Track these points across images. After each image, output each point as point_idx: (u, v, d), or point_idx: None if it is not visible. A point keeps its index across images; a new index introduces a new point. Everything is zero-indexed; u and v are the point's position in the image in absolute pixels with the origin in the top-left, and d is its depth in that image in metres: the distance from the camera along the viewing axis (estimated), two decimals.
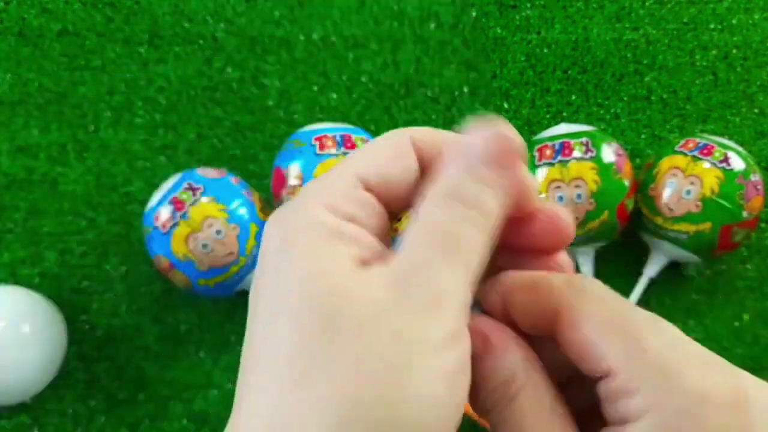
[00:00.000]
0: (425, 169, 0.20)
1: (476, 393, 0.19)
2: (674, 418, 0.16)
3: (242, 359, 0.17)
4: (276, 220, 0.18)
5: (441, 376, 0.16)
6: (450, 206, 0.18)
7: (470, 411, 0.22)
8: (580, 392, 0.19)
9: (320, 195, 0.18)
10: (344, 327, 0.16)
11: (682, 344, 0.17)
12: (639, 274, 0.51)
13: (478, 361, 0.19)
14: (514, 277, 0.20)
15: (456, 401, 0.16)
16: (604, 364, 0.17)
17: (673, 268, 0.51)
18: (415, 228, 0.18)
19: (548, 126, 0.56)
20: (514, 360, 0.19)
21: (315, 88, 0.58)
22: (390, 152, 0.20)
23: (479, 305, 0.20)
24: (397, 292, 0.16)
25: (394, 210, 0.20)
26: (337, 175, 0.19)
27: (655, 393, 0.16)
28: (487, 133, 0.18)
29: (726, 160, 0.46)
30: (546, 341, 0.19)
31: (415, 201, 0.19)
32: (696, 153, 0.47)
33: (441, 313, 0.16)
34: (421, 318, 0.16)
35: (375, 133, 0.56)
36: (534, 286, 0.19)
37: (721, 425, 0.16)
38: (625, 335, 0.17)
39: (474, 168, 0.18)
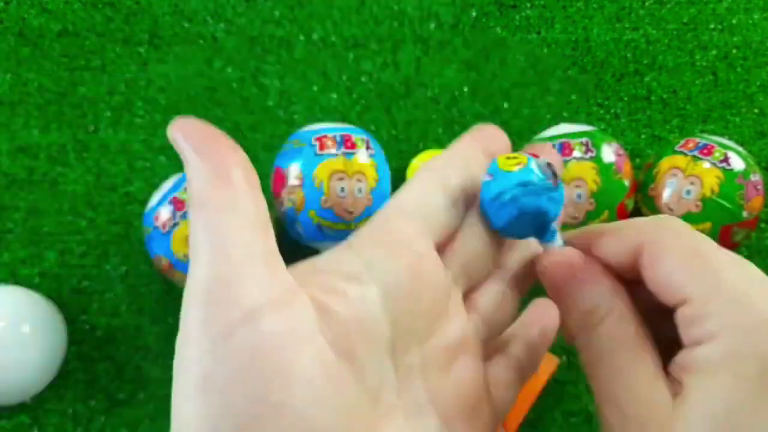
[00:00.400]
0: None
1: (565, 318, 0.21)
2: (743, 338, 0.17)
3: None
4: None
5: None
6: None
7: None
8: (661, 325, 0.20)
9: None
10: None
11: (758, 278, 0.18)
12: None
13: (567, 286, 0.21)
14: (600, 225, 0.22)
15: None
16: (682, 293, 0.18)
17: None
18: None
19: (548, 126, 0.56)
20: (600, 289, 0.20)
21: (315, 88, 0.58)
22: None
23: (563, 240, 0.22)
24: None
25: None
26: None
27: (726, 317, 0.17)
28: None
29: (726, 160, 0.46)
30: (628, 280, 0.21)
31: None
32: (696, 153, 0.47)
33: None
34: None
35: (375, 133, 0.56)
36: (621, 229, 0.21)
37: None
38: (702, 267, 0.18)
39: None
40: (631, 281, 0.21)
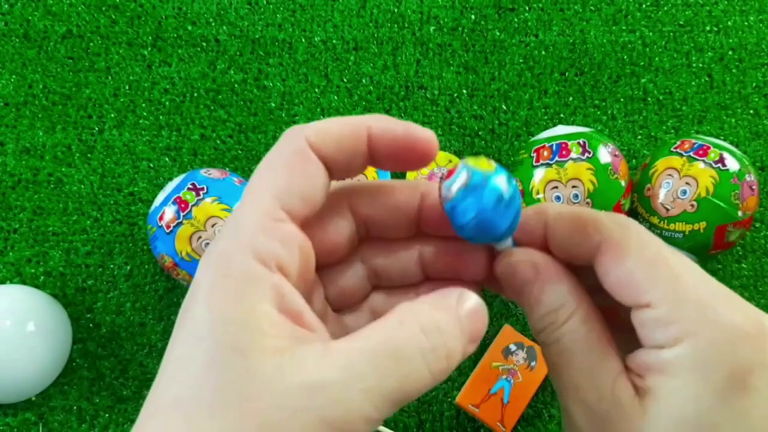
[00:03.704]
0: (331, 168, 0.20)
1: (530, 316, 0.21)
2: (708, 346, 0.18)
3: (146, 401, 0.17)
4: (206, 262, 0.18)
5: None
6: (418, 339, 0.17)
7: (466, 406, 0.23)
8: (609, 316, 0.21)
9: (243, 235, 0.18)
10: (239, 404, 0.16)
11: (711, 281, 0.19)
12: None
13: (530, 286, 0.21)
14: (558, 208, 0.21)
15: None
16: (644, 297, 0.19)
17: None
18: (370, 332, 0.17)
19: (546, 127, 0.57)
20: (563, 289, 0.20)
21: (316, 89, 0.58)
22: (295, 164, 0.19)
23: (513, 240, 0.22)
24: (306, 390, 0.16)
25: (308, 220, 0.20)
26: (254, 204, 0.18)
27: (692, 324, 0.18)
28: (481, 305, 0.19)
29: (721, 160, 0.47)
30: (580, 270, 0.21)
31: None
32: (691, 154, 0.48)
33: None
34: (320, 428, 0.16)
35: None
36: (579, 217, 0.20)
37: (747, 355, 0.17)
38: (664, 272, 0.19)
39: (464, 336, 0.18)
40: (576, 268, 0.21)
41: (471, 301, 0.19)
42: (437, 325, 0.18)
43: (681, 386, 0.18)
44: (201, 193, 0.46)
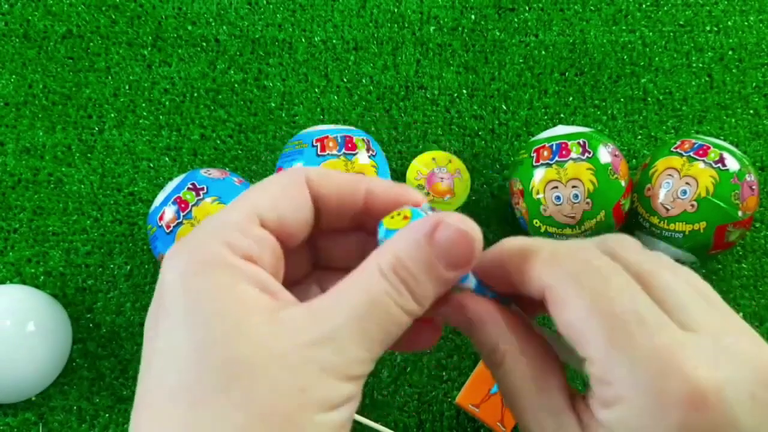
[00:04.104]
0: (320, 208, 0.21)
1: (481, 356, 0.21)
2: (640, 414, 0.17)
3: (134, 407, 0.18)
4: (175, 255, 0.19)
5: (330, 430, 0.17)
6: (391, 283, 0.18)
7: (466, 406, 0.23)
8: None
9: (219, 231, 0.19)
10: (241, 374, 0.16)
11: (663, 329, 0.18)
12: None
13: (471, 328, 0.21)
14: (508, 243, 0.21)
15: None
16: (585, 351, 0.18)
17: None
18: (347, 285, 0.18)
19: (546, 127, 0.57)
20: (495, 331, 0.21)
21: (316, 90, 0.58)
22: (286, 191, 0.20)
23: (476, 274, 0.22)
24: (302, 347, 0.17)
25: (288, 245, 0.21)
26: (234, 210, 0.20)
27: (623, 388, 0.17)
28: (459, 229, 0.19)
29: (721, 160, 0.47)
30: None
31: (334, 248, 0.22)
32: (691, 154, 0.48)
33: (341, 379, 0.17)
34: (323, 378, 0.17)
35: (375, 134, 0.57)
36: (521, 255, 0.20)
37: (681, 424, 0.16)
38: (602, 326, 0.18)
39: (434, 265, 0.19)
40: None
41: (446, 231, 0.19)
42: (402, 265, 0.18)
43: None
44: (201, 193, 0.46)
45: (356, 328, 0.18)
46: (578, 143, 0.47)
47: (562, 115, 0.58)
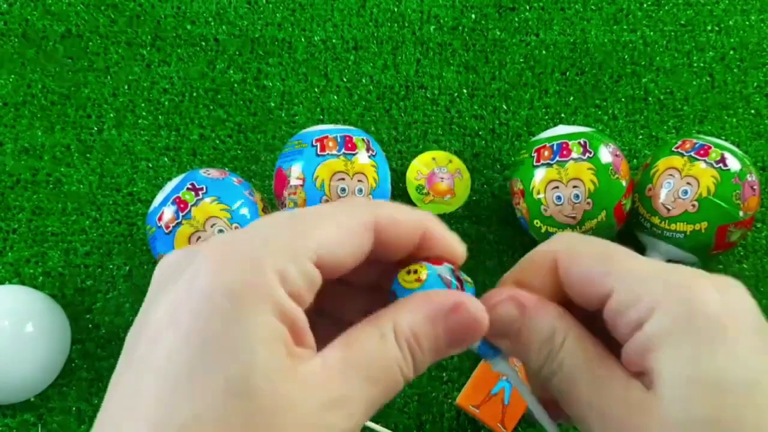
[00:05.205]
0: (379, 248, 0.21)
1: (526, 355, 0.22)
2: (678, 306, 0.19)
3: None
4: (219, 256, 0.18)
5: None
6: (403, 354, 0.19)
7: (467, 407, 0.23)
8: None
9: (277, 255, 0.18)
10: (259, 425, 0.16)
11: (652, 261, 0.21)
12: None
13: (517, 323, 0.22)
14: (529, 260, 0.23)
15: None
16: (604, 285, 0.20)
17: None
18: (362, 343, 0.19)
19: (546, 127, 0.57)
20: (551, 316, 0.21)
21: (316, 89, 0.58)
22: (354, 237, 0.20)
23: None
24: (318, 410, 0.17)
25: (329, 277, 0.20)
26: (299, 238, 0.19)
27: (654, 294, 0.19)
28: (476, 319, 0.20)
29: (722, 160, 0.47)
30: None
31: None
32: (693, 153, 0.48)
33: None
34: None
35: (375, 134, 0.57)
36: (536, 254, 0.23)
37: (711, 300, 0.19)
38: (616, 260, 0.21)
39: (440, 340, 0.20)
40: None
41: (464, 314, 0.20)
42: (416, 338, 0.20)
43: (675, 350, 0.19)
44: (200, 193, 0.46)
45: (366, 395, 0.18)
46: (579, 143, 0.47)
47: (562, 115, 0.58)
